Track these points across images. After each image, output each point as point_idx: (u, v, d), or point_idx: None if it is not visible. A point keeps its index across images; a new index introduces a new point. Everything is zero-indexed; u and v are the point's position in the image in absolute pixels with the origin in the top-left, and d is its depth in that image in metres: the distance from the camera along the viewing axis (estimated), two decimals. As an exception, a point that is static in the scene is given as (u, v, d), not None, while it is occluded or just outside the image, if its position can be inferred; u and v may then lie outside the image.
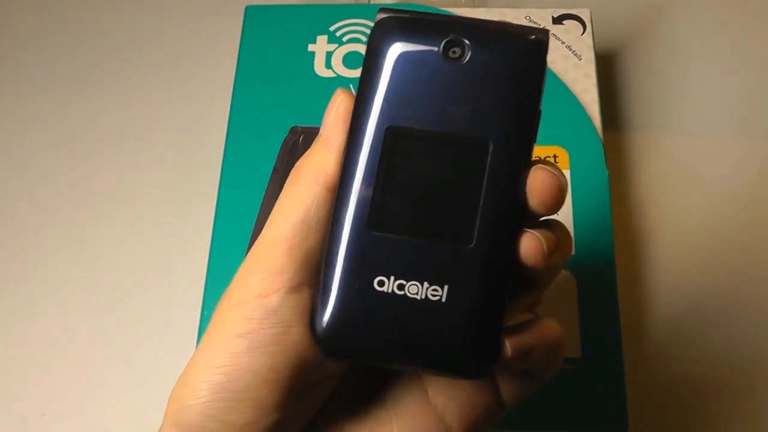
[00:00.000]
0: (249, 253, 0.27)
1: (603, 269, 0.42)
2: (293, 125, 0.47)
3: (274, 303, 0.25)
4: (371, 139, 0.26)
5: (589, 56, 0.48)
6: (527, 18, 0.50)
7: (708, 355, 0.45)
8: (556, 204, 0.26)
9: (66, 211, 0.51)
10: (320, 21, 0.50)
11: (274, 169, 0.45)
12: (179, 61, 0.56)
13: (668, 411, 0.43)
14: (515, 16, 0.50)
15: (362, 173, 0.26)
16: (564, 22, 0.50)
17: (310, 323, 0.26)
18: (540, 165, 0.26)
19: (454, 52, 0.26)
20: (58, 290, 0.48)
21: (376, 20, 0.27)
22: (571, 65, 0.48)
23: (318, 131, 0.28)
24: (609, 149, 0.47)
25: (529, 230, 0.26)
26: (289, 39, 0.50)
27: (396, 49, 0.26)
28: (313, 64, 0.49)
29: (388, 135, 0.26)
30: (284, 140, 0.46)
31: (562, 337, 0.27)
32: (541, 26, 0.49)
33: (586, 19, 0.50)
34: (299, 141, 0.46)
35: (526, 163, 0.26)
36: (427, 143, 0.26)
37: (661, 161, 0.51)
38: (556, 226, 0.27)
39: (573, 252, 0.28)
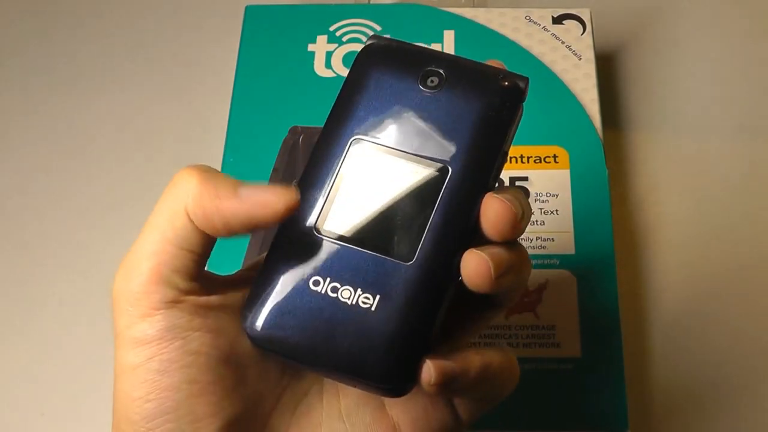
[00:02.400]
0: (122, 262, 0.26)
1: (603, 269, 0.42)
2: (293, 125, 0.47)
3: (161, 323, 0.25)
4: (336, 147, 0.27)
5: (589, 56, 0.48)
6: (527, 18, 0.50)
7: (708, 355, 0.45)
8: (511, 232, 0.26)
9: (66, 212, 0.51)
10: (320, 21, 0.50)
11: (274, 169, 0.45)
12: (179, 61, 0.56)
13: (668, 411, 0.43)
14: (515, 16, 0.50)
15: (320, 177, 0.26)
16: (564, 22, 0.50)
17: (241, 311, 0.26)
18: (494, 194, 0.26)
19: (431, 81, 0.27)
20: (59, 290, 0.48)
21: (365, 44, 0.28)
22: (571, 65, 0.48)
23: (318, 131, 0.28)
24: (609, 149, 0.47)
25: (475, 250, 0.25)
26: (289, 39, 0.50)
27: (377, 70, 0.27)
28: (313, 64, 0.49)
29: (352, 145, 0.27)
30: (284, 140, 0.46)
31: (493, 369, 0.26)
32: (541, 25, 0.49)
33: (586, 19, 0.50)
34: (299, 141, 0.46)
35: (482, 193, 0.26)
36: (388, 159, 0.26)
37: (661, 161, 0.51)
38: (513, 246, 0.27)
39: (531, 270, 0.27)
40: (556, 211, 0.44)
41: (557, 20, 0.50)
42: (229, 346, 0.26)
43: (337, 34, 0.50)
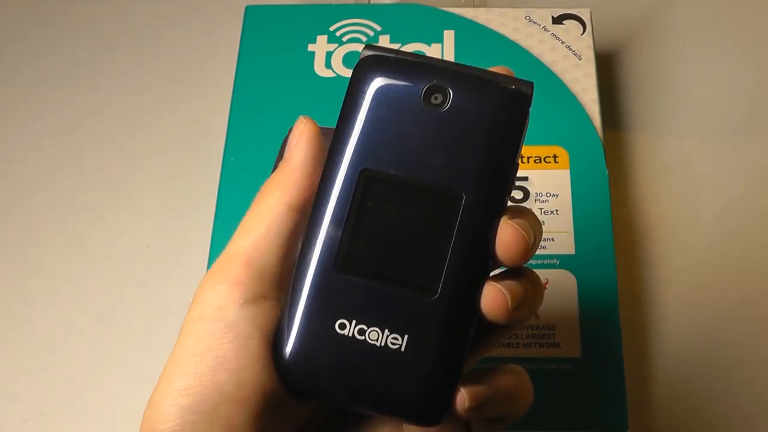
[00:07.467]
0: (210, 267, 0.27)
1: (603, 269, 0.42)
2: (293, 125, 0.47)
3: (232, 315, 0.25)
4: (345, 179, 0.26)
5: (589, 56, 0.48)
6: (527, 18, 0.50)
7: (708, 354, 0.45)
8: (522, 259, 0.26)
9: (65, 211, 0.51)
10: (320, 21, 0.50)
11: (274, 169, 0.45)
12: (179, 61, 0.56)
13: (668, 411, 0.43)
14: (515, 16, 0.50)
15: (333, 213, 0.26)
16: (564, 22, 0.50)
17: (273, 357, 0.26)
18: (509, 220, 0.26)
19: (435, 98, 0.26)
20: (58, 290, 0.48)
21: (361, 57, 0.27)
22: (571, 65, 0.48)
23: (320, 131, 0.28)
24: (609, 149, 0.47)
25: (494, 283, 0.26)
26: (289, 39, 0.50)
27: (377, 90, 0.26)
28: (313, 64, 0.49)
29: (361, 177, 0.26)
30: (284, 140, 0.46)
31: (517, 388, 0.27)
32: (541, 25, 0.49)
33: (586, 19, 0.50)
34: (299, 141, 0.46)
35: (498, 216, 0.26)
36: (401, 190, 0.26)
37: (661, 161, 0.51)
38: (527, 277, 0.27)
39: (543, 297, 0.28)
40: (556, 211, 0.44)
41: (557, 20, 0.50)
42: None
43: (337, 34, 0.50)
